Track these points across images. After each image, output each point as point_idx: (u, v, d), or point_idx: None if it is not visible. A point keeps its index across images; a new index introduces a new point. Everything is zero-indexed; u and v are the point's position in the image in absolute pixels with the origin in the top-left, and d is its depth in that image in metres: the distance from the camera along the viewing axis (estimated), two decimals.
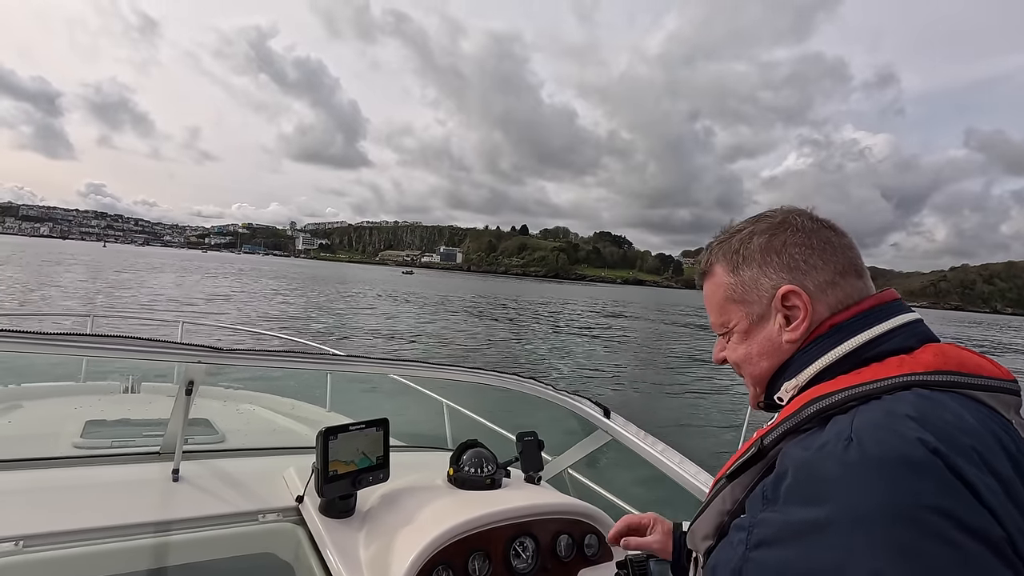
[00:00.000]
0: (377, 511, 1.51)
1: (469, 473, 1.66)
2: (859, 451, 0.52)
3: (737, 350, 0.78)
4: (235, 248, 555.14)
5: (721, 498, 0.69)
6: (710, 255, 0.81)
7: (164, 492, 1.52)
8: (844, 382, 0.63)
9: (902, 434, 0.52)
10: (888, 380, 0.60)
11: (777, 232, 0.74)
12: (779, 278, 0.72)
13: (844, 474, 0.52)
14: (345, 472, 1.49)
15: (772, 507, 0.57)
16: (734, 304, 0.77)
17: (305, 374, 4.44)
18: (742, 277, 0.76)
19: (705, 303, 0.82)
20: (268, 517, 1.51)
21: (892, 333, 0.67)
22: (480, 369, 2.08)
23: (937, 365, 0.61)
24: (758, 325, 0.75)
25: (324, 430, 1.46)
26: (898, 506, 0.48)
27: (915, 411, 0.55)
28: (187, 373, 1.59)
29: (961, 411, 0.56)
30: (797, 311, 0.71)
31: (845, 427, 0.56)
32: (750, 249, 0.75)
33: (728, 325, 0.78)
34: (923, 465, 0.50)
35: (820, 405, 0.61)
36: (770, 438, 0.64)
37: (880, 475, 0.50)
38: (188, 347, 1.51)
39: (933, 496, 0.48)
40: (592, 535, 1.59)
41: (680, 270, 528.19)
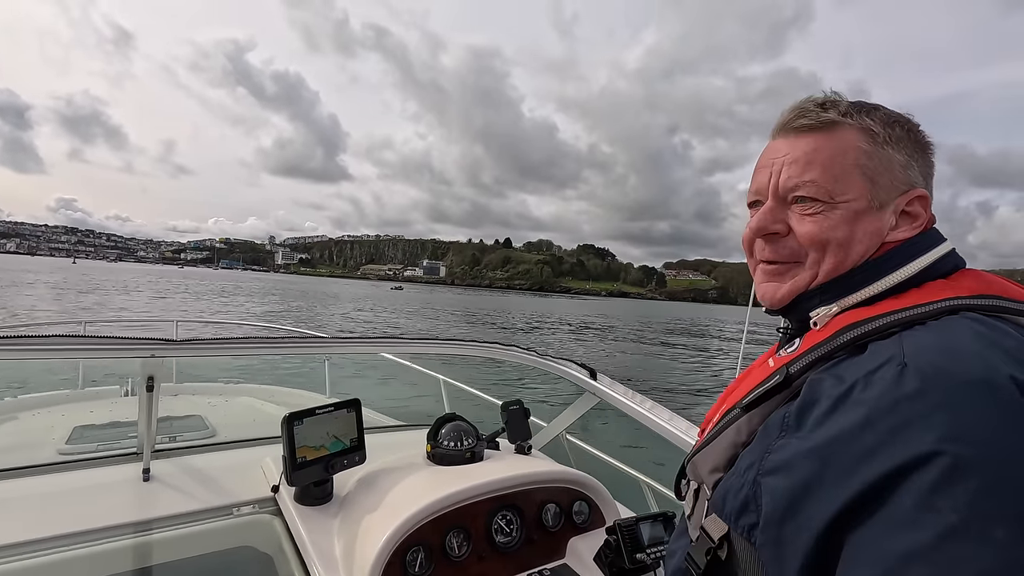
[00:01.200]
0: (354, 495, 1.48)
1: (448, 448, 1.61)
2: (917, 377, 0.46)
3: (838, 228, 0.63)
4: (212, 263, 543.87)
5: (735, 428, 0.63)
6: (841, 108, 0.65)
7: (135, 493, 1.49)
8: (882, 307, 0.58)
9: (966, 359, 0.46)
10: (933, 304, 0.55)
11: (920, 133, 0.65)
12: (918, 179, 0.64)
13: (896, 402, 0.46)
14: (316, 458, 1.45)
15: (794, 433, 0.53)
16: (862, 177, 0.63)
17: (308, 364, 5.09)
18: (885, 154, 0.63)
19: (799, 156, 0.65)
20: (244, 510, 1.48)
21: (941, 261, 0.62)
22: (463, 341, 2.07)
23: (981, 290, 0.57)
24: (875, 214, 0.63)
25: (288, 415, 1.42)
26: (968, 440, 0.42)
27: (975, 335, 0.49)
28: (144, 369, 1.55)
29: (1021, 338, 0.51)
30: (912, 220, 0.64)
31: (894, 352, 0.50)
32: (906, 133, 0.64)
33: (836, 195, 0.63)
34: (1001, 395, 0.43)
35: (858, 331, 0.56)
36: (797, 366, 0.59)
37: (945, 404, 0.44)
38: (139, 341, 1.44)
39: (1010, 431, 0.42)
40: (582, 502, 1.55)
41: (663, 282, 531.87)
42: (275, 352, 1.73)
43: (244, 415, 2.77)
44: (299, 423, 1.43)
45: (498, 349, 2.09)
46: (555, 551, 1.48)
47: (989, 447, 0.41)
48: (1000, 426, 0.42)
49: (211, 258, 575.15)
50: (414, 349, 2.09)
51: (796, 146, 0.66)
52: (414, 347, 2.07)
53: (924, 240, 0.63)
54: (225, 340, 1.61)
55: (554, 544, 1.48)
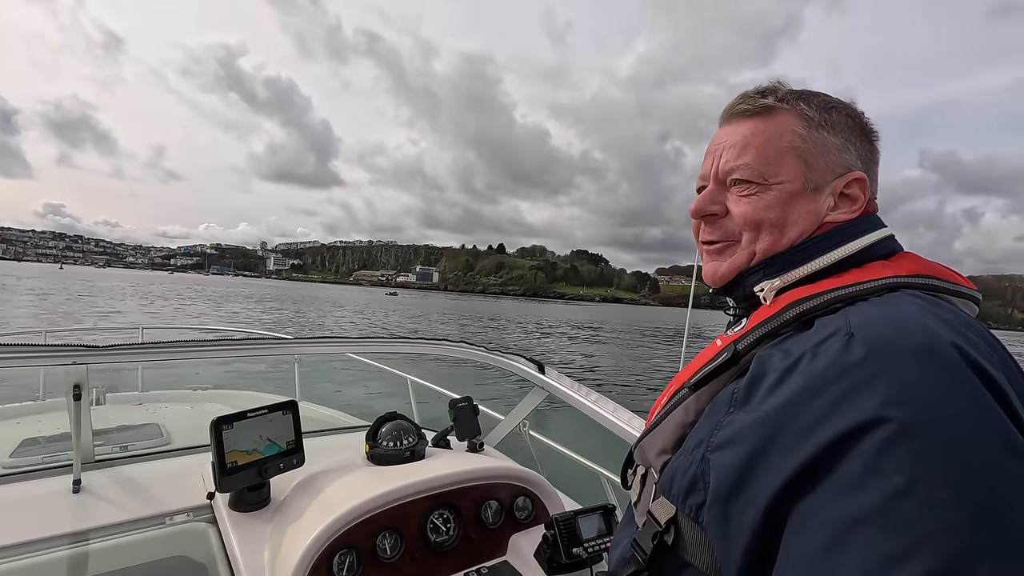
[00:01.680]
0: (290, 499, 1.45)
1: (387, 447, 1.59)
2: (863, 346, 0.47)
3: (771, 209, 0.65)
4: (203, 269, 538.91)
5: (683, 408, 0.63)
6: (780, 93, 0.67)
7: (63, 505, 1.46)
8: (824, 285, 0.59)
9: (909, 328, 0.47)
10: (875, 282, 0.57)
11: (864, 122, 0.67)
12: (854, 162, 0.65)
13: (844, 371, 0.46)
14: (248, 462, 1.43)
15: (743, 407, 0.53)
16: (796, 160, 0.64)
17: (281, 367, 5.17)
18: (820, 138, 0.65)
19: (736, 140, 0.68)
20: (177, 519, 1.45)
21: (880, 243, 0.64)
22: (416, 340, 2.08)
23: (919, 270, 0.59)
24: (810, 195, 0.64)
25: (216, 419, 1.39)
26: (912, 402, 0.42)
27: (918, 308, 0.51)
28: (68, 377, 1.52)
29: (957, 311, 0.53)
30: (850, 202, 0.65)
31: (840, 324, 0.51)
32: (841, 118, 0.66)
33: (769, 177, 0.65)
34: (944, 360, 0.45)
35: (803, 308, 0.57)
36: (745, 342, 0.60)
37: (890, 370, 0.44)
38: (60, 349, 1.41)
39: (955, 395, 0.43)
40: (525, 497, 1.54)
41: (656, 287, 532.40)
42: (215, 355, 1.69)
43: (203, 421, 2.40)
44: (228, 427, 1.40)
45: (446, 346, 2.08)
46: (496, 548, 1.47)
47: (932, 410, 0.42)
48: (942, 390, 0.43)
49: (202, 264, 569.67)
50: (374, 349, 2.10)
51: (735, 131, 0.68)
52: (373, 347, 2.08)
53: (865, 223, 0.64)
54: (159, 345, 1.55)
55: (495, 541, 1.47)
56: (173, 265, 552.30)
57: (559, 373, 1.93)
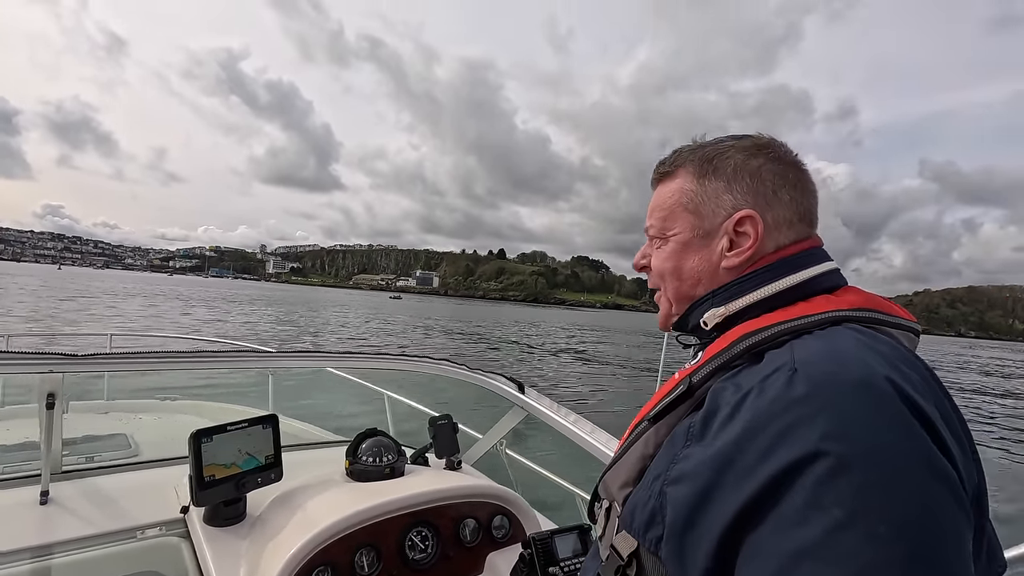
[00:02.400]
0: (267, 514, 1.43)
1: (367, 463, 1.57)
2: (805, 381, 0.49)
3: (668, 260, 0.73)
4: (202, 272, 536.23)
5: (644, 441, 0.65)
6: (678, 157, 0.75)
7: (31, 517, 1.41)
8: (773, 318, 0.62)
9: (848, 363, 0.50)
10: (818, 315, 0.59)
11: (756, 154, 0.69)
12: (742, 200, 0.68)
13: (788, 405, 0.48)
14: (225, 476, 1.40)
15: (698, 442, 0.55)
16: (686, 213, 0.71)
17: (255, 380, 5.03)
18: (705, 188, 0.70)
19: (651, 204, 0.77)
20: (149, 533, 1.41)
21: (823, 277, 0.66)
22: (394, 356, 2.08)
23: (861, 304, 0.62)
24: (701, 241, 0.70)
25: (195, 432, 1.37)
26: (850, 437, 0.45)
27: (856, 342, 0.53)
28: (43, 385, 1.48)
29: (895, 345, 0.56)
30: (746, 239, 0.68)
31: (785, 359, 0.53)
32: (724, 162, 0.70)
33: (667, 232, 0.73)
34: (878, 395, 0.47)
35: (752, 340, 0.60)
36: (699, 376, 0.62)
37: (829, 405, 0.47)
38: (36, 356, 1.38)
39: (889, 428, 0.45)
40: (502, 516, 1.53)
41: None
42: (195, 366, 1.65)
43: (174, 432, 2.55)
44: (208, 440, 1.38)
45: (428, 363, 2.08)
46: (473, 567, 1.47)
47: (866, 444, 0.44)
48: (875, 424, 0.45)
49: (200, 266, 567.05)
50: (353, 364, 2.06)
51: (653, 196, 0.78)
52: (353, 362, 2.04)
53: (810, 257, 0.67)
54: (134, 355, 1.52)
55: (472, 560, 1.47)
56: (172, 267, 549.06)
57: (539, 393, 1.93)
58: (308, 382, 7.43)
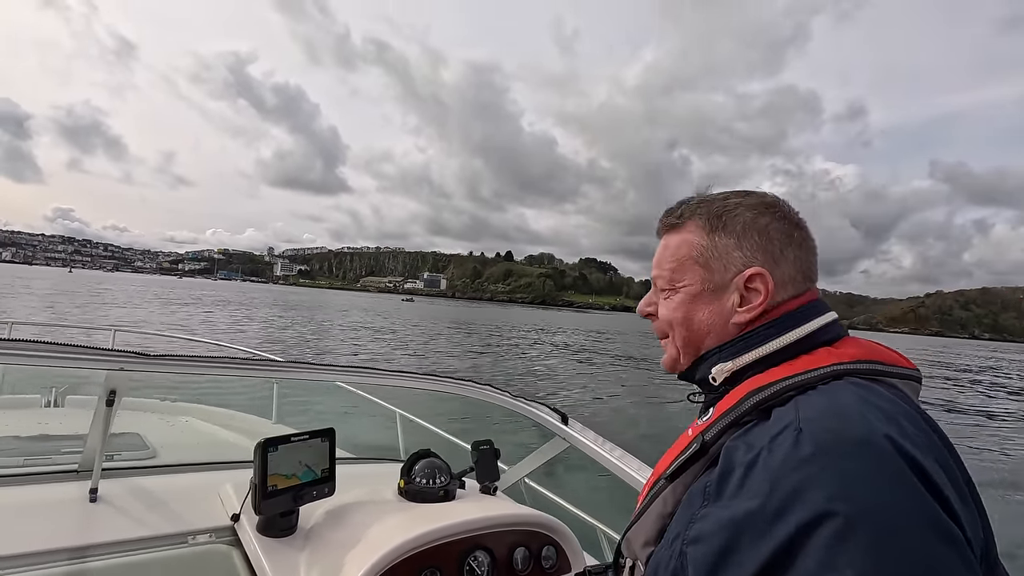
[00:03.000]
0: (321, 528, 1.44)
1: (421, 484, 1.59)
2: (811, 442, 0.51)
3: (678, 310, 0.75)
4: (210, 274, 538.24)
5: (662, 500, 0.67)
6: (686, 209, 0.77)
7: (80, 514, 1.40)
8: (778, 373, 0.64)
9: (849, 421, 0.52)
10: (821, 369, 0.61)
11: (764, 212, 0.72)
12: (752, 258, 0.71)
13: (797, 465, 0.50)
14: (286, 487, 1.41)
15: (715, 502, 0.56)
16: (696, 266, 0.74)
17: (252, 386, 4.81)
18: (715, 242, 0.73)
19: (658, 254, 0.79)
20: (199, 539, 1.42)
21: (824, 329, 0.68)
22: (434, 376, 2.02)
23: (860, 356, 0.63)
24: (710, 294, 0.73)
25: (263, 441, 1.39)
26: (855, 498, 0.47)
27: (857, 398, 0.55)
28: (108, 382, 1.49)
29: (893, 398, 0.57)
30: (756, 295, 0.70)
31: (791, 418, 0.55)
32: (734, 219, 0.72)
33: (677, 283, 0.75)
34: (878, 453, 0.49)
35: (760, 397, 0.62)
36: (711, 433, 0.64)
37: (834, 465, 0.49)
38: (108, 352, 1.39)
39: (891, 488, 0.47)
40: (550, 547, 1.55)
41: None
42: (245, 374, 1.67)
43: (186, 436, 2.61)
44: (274, 449, 1.39)
45: (471, 387, 2.02)
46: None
47: (871, 503, 0.46)
48: (878, 483, 0.47)
49: (209, 268, 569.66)
50: (376, 380, 1.98)
51: (661, 246, 0.80)
52: (376, 379, 1.96)
53: (811, 310, 0.70)
54: (197, 359, 1.54)
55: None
56: (181, 270, 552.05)
57: (583, 426, 1.89)
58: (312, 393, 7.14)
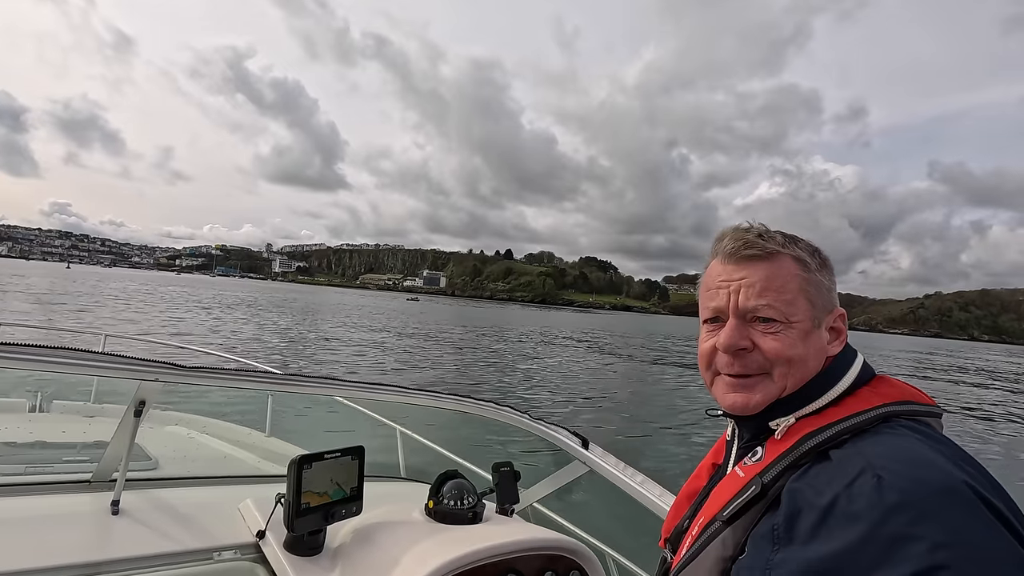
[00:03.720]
0: (350, 548, 1.42)
1: (450, 506, 1.58)
2: (895, 489, 0.51)
3: (797, 347, 0.71)
4: (208, 270, 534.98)
5: (720, 542, 0.66)
6: (772, 239, 0.74)
7: (103, 526, 1.38)
8: (829, 416, 0.65)
9: (929, 468, 0.53)
10: (869, 412, 0.63)
11: (829, 260, 0.76)
12: (836, 299, 0.75)
13: (886, 515, 0.50)
14: (318, 504, 1.39)
15: (788, 546, 0.56)
16: (805, 300, 0.72)
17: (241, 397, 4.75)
18: (819, 279, 0.73)
19: (762, 282, 0.73)
20: (224, 555, 1.39)
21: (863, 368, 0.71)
22: (447, 395, 1.96)
23: (896, 396, 0.65)
24: (815, 332, 0.72)
25: (298, 458, 1.37)
26: (953, 545, 0.47)
27: (923, 445, 0.56)
28: (140, 392, 1.46)
29: (945, 439, 0.59)
30: (838, 334, 0.74)
31: (863, 463, 0.56)
32: (823, 260, 0.75)
33: (789, 317, 0.72)
34: (964, 500, 0.50)
35: (816, 440, 0.62)
36: (769, 476, 0.64)
37: (930, 515, 0.49)
38: (144, 363, 1.40)
39: (987, 536, 0.48)
40: (576, 571, 1.54)
41: (666, 296, 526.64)
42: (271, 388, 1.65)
43: (183, 448, 2.56)
44: (308, 467, 1.37)
45: (491, 408, 1.99)
46: None
47: (975, 552, 0.47)
48: (975, 531, 0.48)
49: (207, 264, 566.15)
50: (394, 398, 1.92)
51: (750, 272, 0.73)
52: (392, 396, 1.91)
53: (849, 352, 0.72)
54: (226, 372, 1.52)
55: None
56: (179, 266, 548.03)
57: (604, 451, 1.87)
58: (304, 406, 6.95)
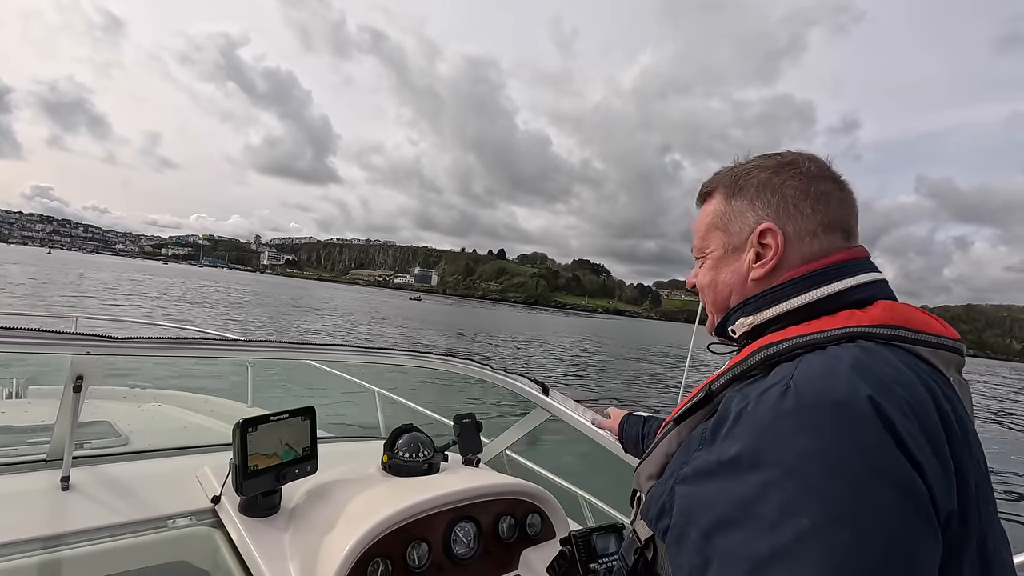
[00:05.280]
0: (305, 506, 1.44)
1: (404, 459, 1.60)
2: (795, 397, 0.55)
3: (706, 275, 0.81)
4: (195, 260, 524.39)
5: (667, 440, 0.72)
6: (714, 179, 0.82)
7: (53, 502, 1.39)
8: (793, 332, 0.66)
9: (837, 382, 0.54)
10: (834, 331, 0.63)
11: (780, 171, 0.74)
12: (764, 215, 0.74)
13: (775, 418, 0.54)
14: (267, 466, 1.40)
15: (707, 447, 0.61)
16: (716, 231, 0.79)
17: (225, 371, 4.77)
18: (732, 207, 0.77)
19: (696, 224, 0.84)
20: (179, 522, 1.40)
21: (853, 290, 0.68)
22: (416, 352, 2.02)
23: (884, 319, 0.63)
24: (731, 255, 0.77)
25: (242, 421, 1.38)
26: (824, 454, 0.50)
27: (854, 360, 0.57)
28: (74, 367, 1.46)
29: (899, 364, 0.58)
30: (768, 250, 0.73)
31: (787, 374, 0.58)
32: (749, 181, 0.76)
33: (705, 251, 0.81)
34: (855, 414, 0.52)
35: (768, 352, 0.65)
36: (718, 384, 0.68)
37: (810, 422, 0.52)
38: (73, 336, 1.36)
39: (862, 447, 0.50)
40: (535, 514, 1.59)
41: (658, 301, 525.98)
42: (218, 354, 1.65)
43: (158, 423, 2.57)
44: (253, 429, 1.38)
45: (451, 362, 2.07)
46: (508, 563, 1.51)
47: (842, 462, 0.50)
48: (854, 443, 0.50)
49: (194, 255, 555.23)
50: (358, 358, 1.98)
51: (698, 215, 0.85)
52: (357, 356, 1.97)
53: (840, 270, 0.70)
54: (167, 341, 1.50)
55: (508, 556, 1.51)
56: (165, 255, 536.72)
57: (563, 396, 1.93)
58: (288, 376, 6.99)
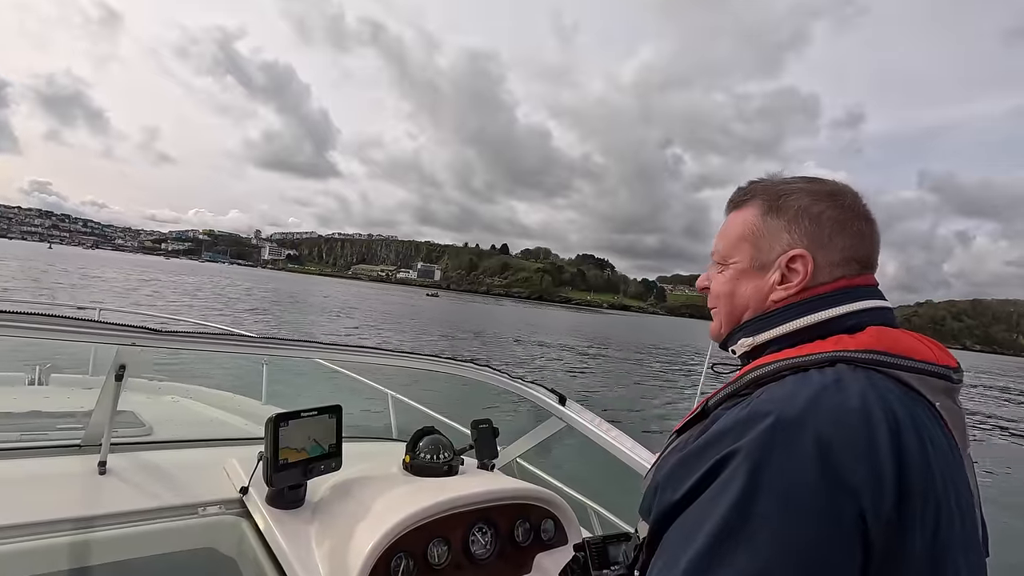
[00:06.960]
0: (329, 501, 1.49)
1: (425, 460, 1.65)
2: (749, 410, 0.60)
3: (725, 285, 0.81)
4: (196, 255, 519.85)
5: (668, 450, 0.76)
6: (752, 189, 0.81)
7: (90, 486, 1.43)
8: (786, 354, 0.68)
9: (792, 404, 0.58)
10: (818, 355, 0.65)
11: (822, 199, 0.74)
12: (798, 240, 0.74)
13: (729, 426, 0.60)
14: (296, 460, 1.45)
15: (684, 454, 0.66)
16: (746, 243, 0.79)
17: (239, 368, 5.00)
18: (768, 224, 0.77)
19: (721, 229, 0.84)
20: (209, 510, 1.46)
21: (847, 317, 0.70)
22: (433, 356, 2.08)
23: (869, 345, 0.64)
24: (755, 271, 0.77)
25: (275, 416, 1.44)
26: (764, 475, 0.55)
27: (818, 386, 0.60)
28: (119, 357, 1.51)
29: (866, 388, 0.59)
30: (795, 275, 0.73)
31: (764, 398, 0.62)
32: (789, 202, 0.76)
33: (729, 260, 0.81)
34: (791, 435, 0.56)
35: (757, 374, 0.68)
36: (714, 400, 0.72)
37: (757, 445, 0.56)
38: (121, 328, 1.41)
39: (789, 470, 0.54)
40: (549, 520, 1.61)
41: (663, 296, 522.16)
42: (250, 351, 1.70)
43: (180, 415, 2.74)
44: (284, 424, 1.44)
45: (470, 368, 2.10)
46: (523, 566, 1.54)
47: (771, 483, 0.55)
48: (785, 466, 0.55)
49: (194, 250, 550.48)
50: (375, 360, 2.01)
51: (725, 221, 0.84)
52: (374, 358, 2.00)
53: (840, 296, 0.71)
54: (206, 336, 1.57)
55: (522, 559, 1.55)
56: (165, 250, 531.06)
57: (580, 406, 1.96)
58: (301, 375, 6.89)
